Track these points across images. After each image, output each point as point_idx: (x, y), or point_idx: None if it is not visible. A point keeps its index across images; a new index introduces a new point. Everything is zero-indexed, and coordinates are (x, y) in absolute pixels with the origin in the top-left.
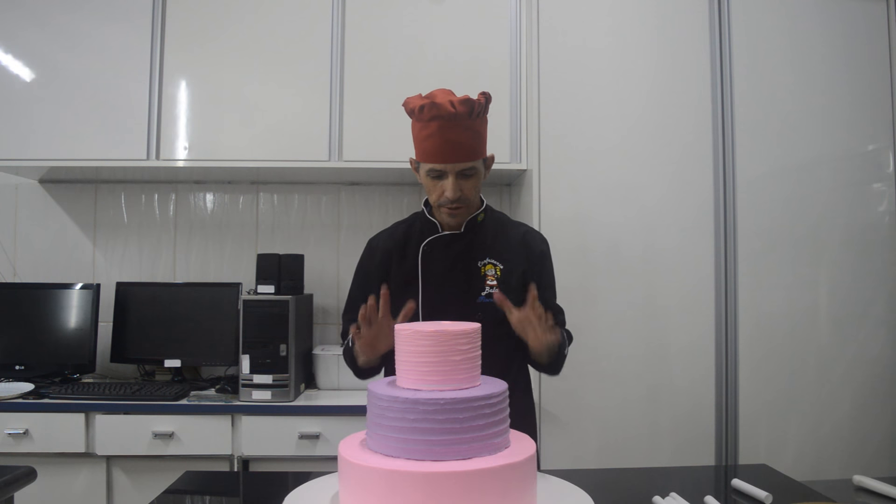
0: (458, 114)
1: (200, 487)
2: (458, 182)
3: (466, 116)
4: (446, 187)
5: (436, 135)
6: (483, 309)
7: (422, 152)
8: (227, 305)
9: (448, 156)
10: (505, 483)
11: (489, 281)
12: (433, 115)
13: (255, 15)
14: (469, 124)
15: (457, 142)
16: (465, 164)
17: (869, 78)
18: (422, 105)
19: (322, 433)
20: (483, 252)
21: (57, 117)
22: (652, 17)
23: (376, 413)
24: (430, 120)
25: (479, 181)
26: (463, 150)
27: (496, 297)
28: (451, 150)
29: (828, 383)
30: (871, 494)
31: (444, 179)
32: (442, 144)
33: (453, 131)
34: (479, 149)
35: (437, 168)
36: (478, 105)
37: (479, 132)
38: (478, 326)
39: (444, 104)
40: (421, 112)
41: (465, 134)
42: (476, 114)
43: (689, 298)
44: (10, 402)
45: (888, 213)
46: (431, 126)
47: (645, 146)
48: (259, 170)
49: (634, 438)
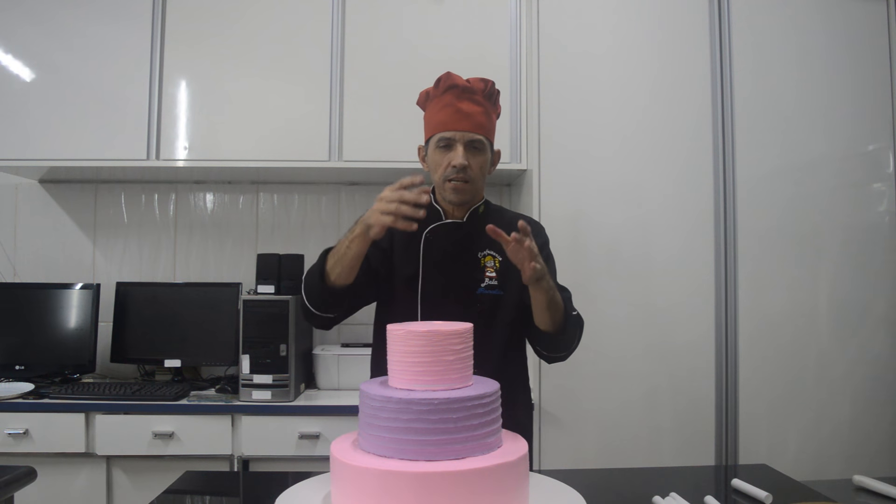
0: (471, 86)
1: (200, 487)
2: (466, 154)
3: (479, 91)
4: (455, 156)
5: (449, 104)
6: (482, 300)
7: (434, 124)
8: (227, 305)
9: (459, 123)
10: (498, 483)
11: (488, 272)
12: (448, 85)
13: (255, 15)
14: (481, 100)
15: (468, 112)
16: (473, 135)
17: (869, 78)
18: (438, 78)
19: (322, 433)
20: (483, 243)
21: (57, 117)
22: (652, 18)
23: (369, 413)
24: (445, 91)
25: (485, 163)
26: (473, 120)
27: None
28: (462, 118)
29: (828, 383)
30: (871, 494)
31: (453, 150)
32: (454, 112)
33: (465, 102)
34: (489, 128)
35: (446, 135)
36: (491, 85)
37: (489, 113)
38: (470, 326)
39: (458, 76)
40: (437, 85)
41: (476, 107)
42: (488, 93)
43: (690, 298)
44: (10, 402)
45: (888, 213)
46: (446, 97)
47: (645, 146)
48: (259, 170)
49: (634, 438)
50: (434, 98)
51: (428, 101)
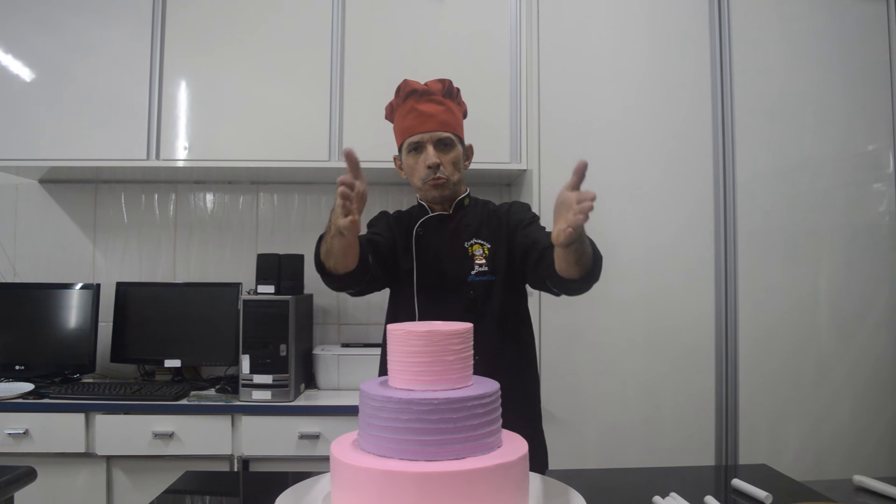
0: (429, 89)
1: (200, 487)
2: (437, 152)
3: (438, 92)
4: (426, 157)
5: (412, 110)
6: (474, 287)
7: (401, 131)
8: (227, 305)
9: (423, 125)
10: (498, 483)
11: (478, 260)
12: (407, 93)
13: (256, 15)
14: (441, 100)
15: (430, 113)
16: (440, 134)
17: (869, 78)
18: (397, 87)
19: (322, 433)
20: (469, 232)
21: (57, 117)
22: (652, 17)
23: (369, 413)
24: (405, 99)
25: (458, 157)
26: (437, 119)
27: (578, 166)
28: (426, 119)
29: (828, 383)
30: (871, 494)
31: (423, 151)
32: (417, 116)
33: (426, 104)
34: (455, 125)
35: (414, 139)
36: (449, 84)
37: (453, 111)
38: (470, 326)
39: (414, 82)
40: (397, 94)
41: (437, 107)
42: (447, 91)
43: (689, 298)
44: (10, 402)
45: (888, 213)
46: (407, 104)
47: (645, 146)
48: (259, 170)
49: (635, 439)
50: (398, 107)
51: (393, 112)
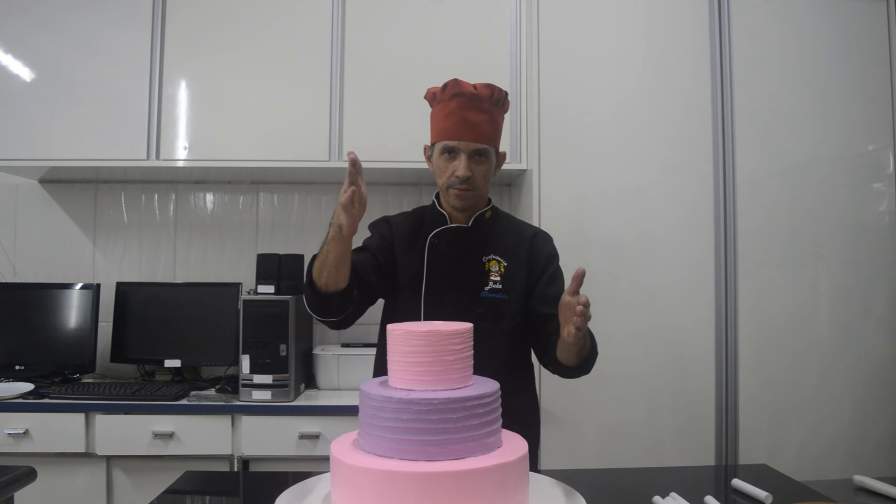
0: (478, 94)
1: (200, 487)
2: (471, 164)
3: (486, 99)
4: (458, 166)
5: (455, 112)
6: (486, 303)
7: (439, 131)
8: (227, 305)
9: (464, 133)
10: (498, 483)
11: (493, 276)
12: (454, 93)
13: (255, 15)
14: (487, 108)
15: (473, 122)
16: (478, 145)
17: (869, 78)
18: (445, 84)
19: (322, 433)
20: (488, 248)
21: (57, 117)
22: (652, 17)
23: (369, 413)
24: (451, 98)
25: (489, 170)
26: (478, 130)
27: (576, 273)
28: (468, 128)
29: (828, 383)
30: (871, 494)
31: (457, 159)
32: (459, 122)
33: (471, 111)
34: (494, 136)
35: (451, 144)
36: (498, 92)
37: (496, 120)
38: (470, 326)
39: (465, 83)
40: (444, 91)
41: (482, 116)
42: (496, 100)
43: (689, 299)
44: (10, 402)
45: (888, 213)
46: (451, 104)
47: (645, 146)
48: (259, 170)
49: (634, 438)
50: (440, 102)
51: (434, 101)
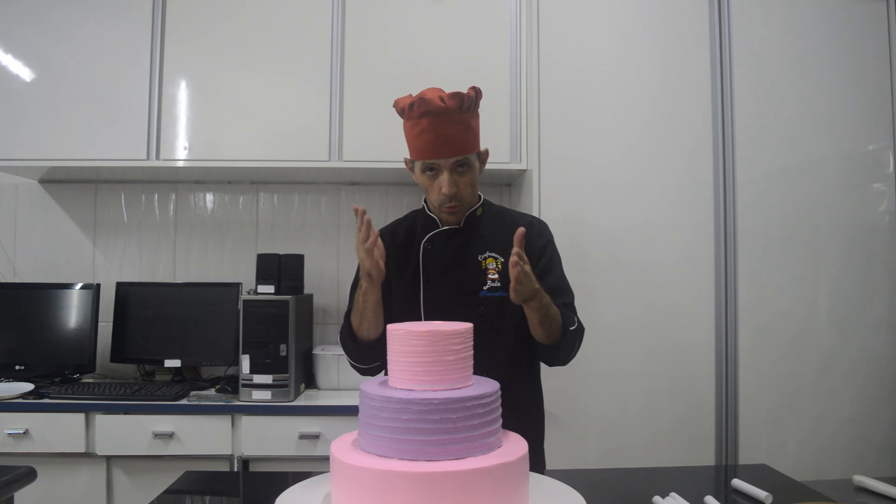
0: (447, 108)
1: (200, 487)
2: (453, 178)
3: (456, 111)
4: (442, 183)
5: (427, 130)
6: (486, 303)
7: (415, 150)
8: (227, 305)
9: (440, 150)
10: (498, 483)
11: (490, 275)
12: (423, 112)
13: (256, 15)
14: (460, 118)
15: (448, 136)
16: (458, 158)
17: (869, 78)
18: (411, 103)
19: (322, 433)
20: (483, 246)
21: (57, 117)
22: (652, 18)
23: (369, 413)
24: (421, 116)
25: (474, 176)
26: (455, 144)
27: (517, 234)
28: (443, 144)
29: (828, 383)
30: (871, 494)
31: (440, 176)
32: (434, 140)
33: (444, 126)
34: (472, 143)
35: (430, 163)
36: (467, 99)
37: (470, 126)
38: (470, 326)
39: (433, 99)
40: (411, 109)
41: (456, 128)
42: (466, 108)
43: (690, 299)
44: (10, 402)
45: (888, 213)
46: (422, 122)
47: (645, 147)
48: (259, 170)
49: (635, 438)
50: (410, 119)
51: (403, 116)
